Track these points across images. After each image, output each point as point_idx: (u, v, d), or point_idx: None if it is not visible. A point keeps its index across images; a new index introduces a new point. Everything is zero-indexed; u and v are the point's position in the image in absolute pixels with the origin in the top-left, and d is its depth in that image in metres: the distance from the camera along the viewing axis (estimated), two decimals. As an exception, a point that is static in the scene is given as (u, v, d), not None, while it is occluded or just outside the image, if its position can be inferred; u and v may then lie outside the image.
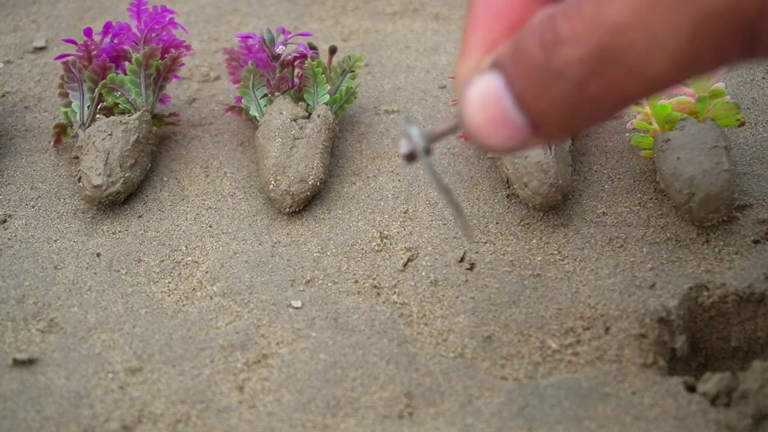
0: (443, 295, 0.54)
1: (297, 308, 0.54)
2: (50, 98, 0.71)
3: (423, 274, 0.55)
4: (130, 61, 0.65)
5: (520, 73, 0.36)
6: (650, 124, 0.59)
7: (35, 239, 0.59)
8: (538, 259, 0.55)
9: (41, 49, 0.77)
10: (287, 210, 0.59)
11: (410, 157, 0.41)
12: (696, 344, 0.52)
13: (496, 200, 0.60)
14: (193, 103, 0.71)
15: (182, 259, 0.58)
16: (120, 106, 0.63)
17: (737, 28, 0.33)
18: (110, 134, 0.61)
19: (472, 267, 0.55)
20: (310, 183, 0.59)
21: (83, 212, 0.61)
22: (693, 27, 0.33)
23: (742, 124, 0.59)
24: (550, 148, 0.56)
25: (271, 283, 0.56)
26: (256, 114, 0.64)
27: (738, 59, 0.35)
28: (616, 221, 0.57)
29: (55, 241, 0.59)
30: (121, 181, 0.60)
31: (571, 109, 0.36)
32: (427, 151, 0.41)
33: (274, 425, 0.48)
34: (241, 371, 0.50)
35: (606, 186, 0.60)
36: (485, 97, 0.38)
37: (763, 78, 0.68)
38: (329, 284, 0.55)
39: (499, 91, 0.37)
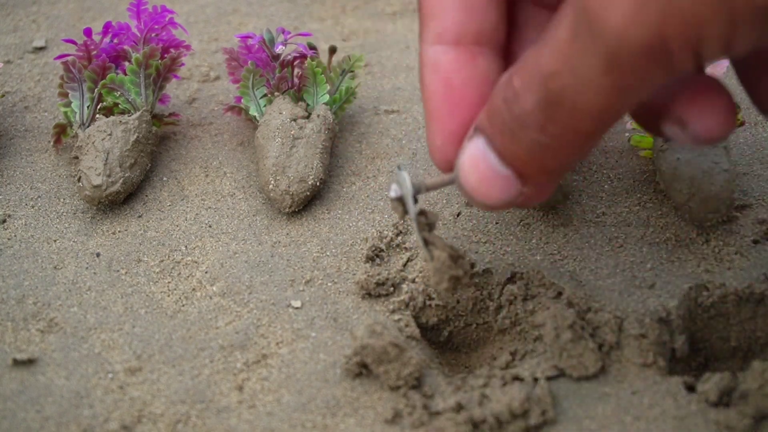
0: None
1: (297, 308, 0.54)
2: (50, 98, 0.71)
3: (423, 273, 0.55)
4: (129, 61, 0.65)
5: (495, 130, 0.42)
6: (650, 124, 0.59)
7: (35, 239, 0.59)
8: (538, 258, 0.55)
9: (41, 49, 0.77)
10: (287, 210, 0.59)
11: (399, 201, 0.46)
12: (696, 344, 0.52)
13: (495, 200, 0.59)
14: (193, 103, 0.71)
15: (182, 259, 0.58)
16: (120, 106, 0.63)
17: (661, 50, 0.36)
18: (110, 134, 0.61)
19: (471, 267, 0.55)
20: (309, 183, 0.59)
21: (83, 212, 0.61)
22: (606, 60, 0.36)
23: (742, 124, 0.59)
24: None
25: (271, 283, 0.56)
26: (255, 114, 0.64)
27: (694, 69, 0.37)
28: (616, 221, 0.57)
29: (55, 241, 0.59)
30: (120, 181, 0.60)
31: (543, 151, 0.41)
32: (416, 200, 0.46)
33: (274, 425, 0.48)
34: (241, 371, 0.51)
35: (606, 186, 0.60)
36: (474, 158, 0.43)
37: (763, 78, 0.68)
38: (329, 284, 0.55)
39: (484, 151, 0.42)
